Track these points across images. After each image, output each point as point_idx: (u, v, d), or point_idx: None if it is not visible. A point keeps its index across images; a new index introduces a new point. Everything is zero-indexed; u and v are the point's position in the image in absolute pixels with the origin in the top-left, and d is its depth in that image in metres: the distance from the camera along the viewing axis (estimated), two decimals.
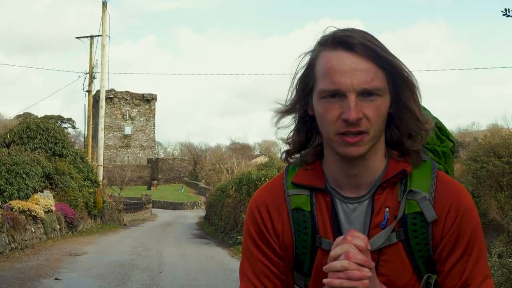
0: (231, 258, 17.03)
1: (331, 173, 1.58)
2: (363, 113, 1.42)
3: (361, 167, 1.52)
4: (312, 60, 1.51)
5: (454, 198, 1.50)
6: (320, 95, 1.47)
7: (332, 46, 1.46)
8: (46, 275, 11.97)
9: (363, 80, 1.42)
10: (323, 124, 1.48)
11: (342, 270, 1.34)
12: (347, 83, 1.41)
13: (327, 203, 1.56)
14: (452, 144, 1.77)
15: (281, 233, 1.60)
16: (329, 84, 1.44)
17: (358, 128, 1.42)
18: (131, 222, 37.74)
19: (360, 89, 1.42)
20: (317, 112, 1.50)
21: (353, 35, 1.45)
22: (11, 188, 20.87)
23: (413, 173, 1.54)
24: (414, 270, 1.51)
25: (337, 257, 1.37)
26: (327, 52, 1.47)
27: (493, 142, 22.68)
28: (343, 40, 1.44)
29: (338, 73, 1.42)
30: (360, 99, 1.42)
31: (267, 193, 1.66)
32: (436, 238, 1.49)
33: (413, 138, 1.54)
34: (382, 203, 1.52)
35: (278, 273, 1.61)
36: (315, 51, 1.51)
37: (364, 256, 1.37)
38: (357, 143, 1.44)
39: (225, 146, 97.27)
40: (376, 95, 1.44)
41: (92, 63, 35.05)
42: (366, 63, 1.43)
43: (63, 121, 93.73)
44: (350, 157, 1.47)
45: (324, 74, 1.45)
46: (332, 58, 1.45)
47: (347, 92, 1.42)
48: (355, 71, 1.42)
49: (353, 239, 1.38)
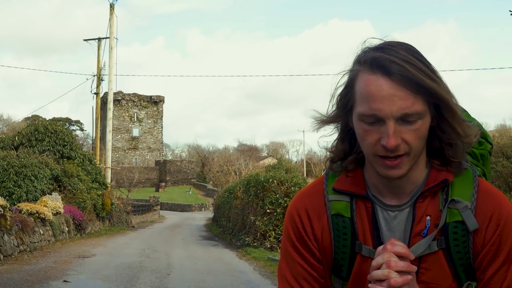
0: (239, 259, 17.00)
1: (372, 181, 1.58)
2: (402, 138, 1.41)
3: (401, 180, 1.52)
4: (351, 80, 1.49)
5: (496, 207, 1.50)
6: (358, 118, 1.46)
7: (371, 69, 1.43)
8: (54, 277, 12.00)
9: (403, 106, 1.39)
10: (363, 144, 1.48)
11: (384, 279, 1.37)
12: (386, 110, 1.40)
13: (367, 210, 1.57)
14: (491, 146, 1.76)
15: (321, 238, 1.61)
16: (367, 109, 1.42)
17: (397, 153, 1.42)
18: (139, 224, 37.81)
19: (399, 115, 1.40)
20: (356, 132, 1.50)
21: (393, 59, 1.41)
22: (20, 190, 20.96)
23: (454, 181, 1.53)
24: (454, 277, 1.50)
25: (379, 266, 1.39)
26: (365, 75, 1.44)
27: (502, 142, 22.61)
28: (381, 65, 1.41)
29: (377, 99, 1.40)
30: (399, 123, 1.41)
31: (307, 198, 1.67)
32: (477, 246, 1.49)
33: (454, 148, 1.52)
34: (424, 211, 1.52)
35: (317, 276, 1.62)
36: (354, 70, 1.48)
37: (406, 262, 1.38)
38: (397, 166, 1.45)
39: (232, 147, 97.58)
40: (416, 119, 1.42)
41: (99, 65, 35.15)
42: (405, 90, 1.40)
43: (71, 124, 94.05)
44: (390, 178, 1.48)
45: (362, 98, 1.44)
46: (371, 83, 1.42)
47: (385, 119, 1.40)
48: (393, 97, 1.39)
49: (393, 247, 1.40)
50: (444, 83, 1.46)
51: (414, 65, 1.40)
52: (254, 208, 20.82)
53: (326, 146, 1.67)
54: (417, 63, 1.41)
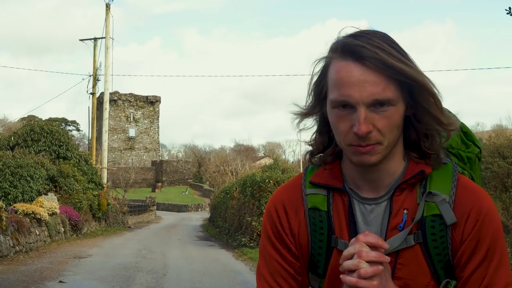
0: (235, 260, 16.99)
1: (349, 173, 1.56)
2: (373, 125, 1.39)
3: (378, 171, 1.50)
4: (325, 67, 1.47)
5: (475, 202, 1.47)
6: (331, 105, 1.44)
7: (342, 55, 1.41)
8: (50, 278, 11.97)
9: (373, 92, 1.37)
10: (336, 133, 1.47)
11: (355, 269, 1.35)
12: (356, 96, 1.37)
13: (344, 204, 1.54)
14: (478, 150, 1.73)
15: (297, 233, 1.58)
16: (338, 96, 1.40)
17: (368, 141, 1.40)
18: (135, 225, 37.77)
19: (370, 101, 1.38)
20: (330, 120, 1.48)
21: (364, 44, 1.39)
22: (15, 191, 20.92)
23: (433, 175, 1.51)
24: (432, 274, 1.47)
25: (350, 256, 1.37)
26: (337, 62, 1.42)
27: (498, 142, 22.61)
28: (352, 50, 1.39)
29: (347, 85, 1.39)
30: (371, 110, 1.38)
31: (285, 193, 1.65)
32: (456, 242, 1.46)
33: (430, 139, 1.50)
34: (401, 204, 1.49)
35: (294, 273, 1.60)
36: (328, 58, 1.47)
37: (377, 252, 1.36)
38: (369, 152, 1.42)
39: (229, 148, 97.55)
40: (388, 105, 1.39)
41: (95, 65, 35.14)
42: (376, 75, 1.38)
43: (67, 124, 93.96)
44: (363, 165, 1.45)
45: (333, 84, 1.42)
46: (342, 69, 1.40)
47: (356, 105, 1.38)
48: (364, 83, 1.37)
49: (365, 237, 1.38)
50: (419, 68, 1.44)
51: (385, 50, 1.39)
52: (251, 209, 20.82)
53: (305, 140, 1.64)
54: (389, 49, 1.40)
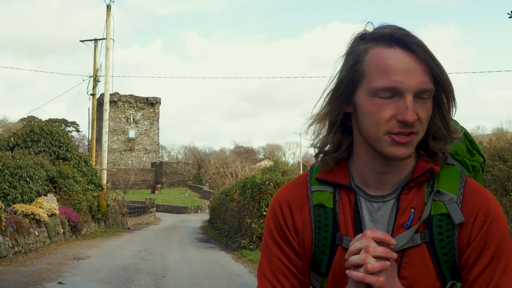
0: (235, 262, 16.98)
1: (358, 170, 1.54)
2: (417, 114, 1.39)
3: (392, 166, 1.49)
4: (358, 56, 1.45)
5: (483, 203, 1.46)
6: (372, 93, 1.41)
7: (388, 44, 1.41)
8: (49, 279, 11.95)
9: (422, 80, 1.38)
10: (372, 123, 1.43)
11: (361, 265, 1.34)
12: (406, 82, 1.37)
13: (350, 201, 1.53)
14: (483, 160, 1.73)
15: (301, 230, 1.56)
16: (386, 82, 1.38)
17: (412, 129, 1.39)
18: (135, 226, 37.76)
19: (418, 90, 1.38)
20: (365, 110, 1.44)
21: (409, 34, 1.41)
22: (15, 191, 20.89)
23: (441, 174, 1.50)
24: (438, 275, 1.45)
25: (356, 251, 1.36)
26: (381, 49, 1.41)
27: (498, 146, 22.61)
28: (401, 39, 1.40)
29: (398, 71, 1.38)
30: (415, 100, 1.39)
31: (289, 190, 1.63)
32: (463, 242, 1.44)
33: (437, 140, 1.50)
34: (408, 203, 1.48)
35: (296, 272, 1.57)
36: (362, 47, 1.45)
37: (385, 248, 1.35)
38: (407, 144, 1.41)
39: (229, 150, 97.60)
40: (427, 97, 1.41)
41: (96, 66, 35.15)
42: (423, 64, 1.39)
43: (67, 125, 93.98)
44: (396, 158, 1.43)
45: (380, 71, 1.40)
46: (390, 56, 1.40)
47: (405, 92, 1.38)
48: (414, 71, 1.38)
49: (372, 232, 1.37)
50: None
51: (426, 46, 1.41)
52: (250, 211, 20.80)
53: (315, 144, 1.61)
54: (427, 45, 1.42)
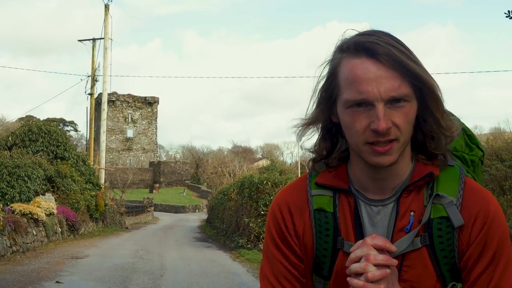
0: (232, 261, 16.98)
1: (356, 175, 1.55)
2: (392, 121, 1.38)
3: (387, 172, 1.49)
4: (334, 68, 1.46)
5: (482, 205, 1.46)
6: (345, 105, 1.42)
7: (355, 53, 1.41)
8: (47, 278, 11.94)
9: (391, 87, 1.37)
10: (350, 134, 1.44)
11: (362, 273, 1.35)
12: (374, 92, 1.37)
13: (350, 205, 1.53)
14: (482, 154, 1.73)
15: (302, 234, 1.57)
16: (355, 94, 1.39)
17: (388, 137, 1.39)
18: (133, 225, 37.73)
19: (388, 97, 1.37)
20: (343, 122, 1.46)
21: (377, 41, 1.39)
22: (13, 191, 20.88)
23: (440, 177, 1.50)
24: (438, 277, 1.46)
25: (357, 259, 1.37)
26: (350, 60, 1.41)
27: (496, 145, 22.63)
28: (366, 47, 1.39)
29: (364, 82, 1.37)
30: (388, 107, 1.38)
31: (289, 194, 1.63)
32: (463, 244, 1.45)
33: (436, 141, 1.50)
34: (408, 206, 1.48)
35: (298, 275, 1.58)
36: (337, 58, 1.46)
37: (385, 255, 1.36)
38: (387, 152, 1.41)
39: (227, 149, 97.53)
40: (404, 101, 1.40)
41: (94, 66, 35.10)
42: (392, 71, 1.38)
43: (65, 124, 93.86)
44: (380, 166, 1.44)
45: (349, 83, 1.40)
46: (356, 67, 1.39)
47: (374, 102, 1.37)
48: (381, 79, 1.37)
49: (372, 240, 1.38)
50: (427, 70, 1.44)
51: (398, 48, 1.39)
52: (248, 210, 20.81)
53: (307, 148, 1.63)
54: (401, 47, 1.40)
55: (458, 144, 1.66)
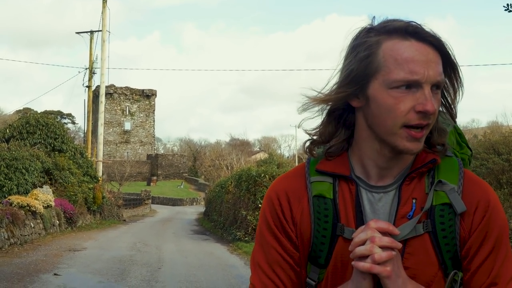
0: (230, 254, 17.02)
1: (360, 163, 1.55)
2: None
3: (395, 160, 1.50)
4: (371, 48, 1.44)
5: (483, 194, 1.48)
6: (390, 85, 1.41)
7: (403, 36, 1.43)
8: (45, 270, 11.97)
9: (438, 72, 1.41)
10: (389, 116, 1.43)
11: (367, 255, 1.35)
12: (425, 74, 1.39)
13: (351, 192, 1.53)
14: (470, 153, 1.75)
15: (299, 221, 1.55)
16: (406, 74, 1.39)
17: (428, 121, 1.41)
18: (130, 218, 37.76)
19: (435, 81, 1.40)
20: (382, 103, 1.43)
21: (423, 27, 1.43)
22: (11, 183, 20.88)
23: (441, 166, 1.52)
24: (440, 264, 1.46)
25: (361, 242, 1.37)
26: (396, 41, 1.43)
27: (493, 139, 22.65)
28: (415, 31, 1.42)
29: (416, 63, 1.39)
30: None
31: (287, 181, 1.62)
32: (464, 232, 1.46)
33: (439, 131, 1.52)
34: (410, 194, 1.49)
35: (293, 263, 1.56)
36: (373, 39, 1.45)
37: (390, 238, 1.37)
38: (420, 139, 1.43)
39: (224, 142, 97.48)
40: (440, 89, 1.44)
41: (92, 58, 35.02)
42: (437, 56, 1.42)
43: (63, 117, 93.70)
44: (409, 152, 1.45)
45: (398, 63, 1.40)
46: (407, 48, 1.41)
47: (423, 84, 1.39)
48: (431, 63, 1.40)
49: (376, 223, 1.39)
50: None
51: (440, 36, 1.44)
52: (246, 203, 20.84)
53: (307, 130, 1.61)
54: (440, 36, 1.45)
55: (450, 141, 1.66)
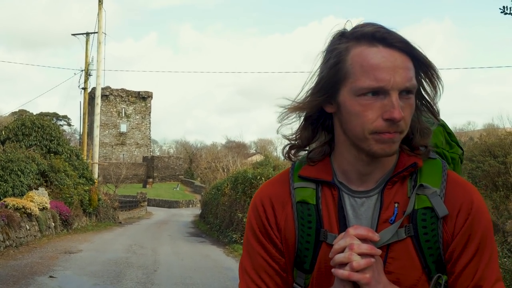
0: (226, 256, 17.03)
1: (341, 168, 1.54)
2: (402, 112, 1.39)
3: (375, 165, 1.49)
4: (340, 56, 1.44)
5: (465, 196, 1.46)
6: (357, 93, 1.41)
7: (370, 42, 1.41)
8: (40, 272, 11.93)
9: (406, 78, 1.38)
10: (357, 123, 1.42)
11: (346, 262, 1.34)
12: (391, 80, 1.37)
13: (333, 197, 1.53)
14: (461, 152, 1.74)
15: (284, 227, 1.56)
16: (371, 81, 1.38)
17: (397, 128, 1.39)
18: (126, 220, 37.70)
19: (403, 87, 1.38)
20: (349, 111, 1.43)
21: (391, 32, 1.41)
22: (6, 185, 20.81)
23: (423, 168, 1.50)
24: (424, 269, 1.45)
25: (341, 250, 1.37)
26: (363, 48, 1.41)
27: (489, 142, 22.74)
28: (383, 37, 1.40)
29: (382, 70, 1.37)
30: (399, 98, 1.39)
31: (271, 187, 1.63)
32: (447, 235, 1.45)
33: (421, 133, 1.51)
34: (392, 198, 1.48)
35: (278, 269, 1.57)
36: (343, 46, 1.44)
37: (369, 245, 1.36)
38: (392, 140, 1.41)
39: (220, 144, 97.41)
40: (411, 94, 1.42)
41: (87, 60, 35.00)
42: (406, 61, 1.40)
43: (59, 119, 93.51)
44: (383, 155, 1.43)
45: (364, 71, 1.39)
46: (374, 55, 1.39)
47: (390, 90, 1.38)
48: (398, 69, 1.38)
49: (355, 230, 1.38)
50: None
51: (408, 40, 1.42)
52: (242, 205, 20.85)
53: (285, 134, 1.61)
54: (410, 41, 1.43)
55: (439, 141, 1.67)
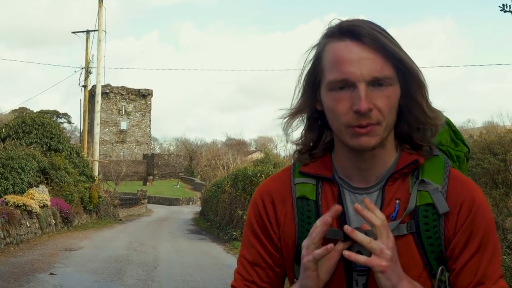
0: (226, 253, 17.04)
1: (341, 164, 1.55)
2: (374, 104, 1.38)
3: (371, 159, 1.48)
4: (318, 53, 1.47)
5: (467, 194, 1.46)
6: (328, 87, 1.42)
7: (339, 37, 1.42)
8: (41, 270, 11.97)
9: (373, 69, 1.38)
10: (333, 117, 1.44)
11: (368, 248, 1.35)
12: (356, 72, 1.37)
13: (333, 193, 1.53)
14: (467, 150, 1.73)
15: (283, 223, 1.57)
16: (337, 74, 1.39)
17: (369, 120, 1.38)
18: (126, 218, 37.72)
19: (370, 78, 1.37)
20: (326, 106, 1.46)
21: (360, 25, 1.41)
22: (6, 182, 20.86)
23: (425, 166, 1.50)
24: (425, 265, 1.45)
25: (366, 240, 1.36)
26: (334, 43, 1.43)
27: (489, 139, 22.73)
28: (350, 30, 1.41)
29: (346, 62, 1.38)
30: (371, 90, 1.38)
31: (272, 183, 1.64)
32: (449, 232, 1.45)
33: (421, 132, 1.50)
34: (393, 194, 1.48)
35: (272, 264, 1.59)
36: (321, 44, 1.47)
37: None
38: (369, 133, 1.39)
39: (221, 142, 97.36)
40: (387, 85, 1.40)
41: (88, 58, 34.99)
42: (374, 53, 1.39)
43: (59, 116, 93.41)
44: (362, 149, 1.42)
45: (332, 65, 1.41)
46: (340, 49, 1.41)
47: (356, 82, 1.37)
48: (364, 60, 1.38)
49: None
50: (410, 57, 1.45)
51: (381, 33, 1.41)
52: (242, 202, 20.85)
53: (292, 141, 1.63)
54: (383, 33, 1.42)
55: (444, 138, 1.66)
